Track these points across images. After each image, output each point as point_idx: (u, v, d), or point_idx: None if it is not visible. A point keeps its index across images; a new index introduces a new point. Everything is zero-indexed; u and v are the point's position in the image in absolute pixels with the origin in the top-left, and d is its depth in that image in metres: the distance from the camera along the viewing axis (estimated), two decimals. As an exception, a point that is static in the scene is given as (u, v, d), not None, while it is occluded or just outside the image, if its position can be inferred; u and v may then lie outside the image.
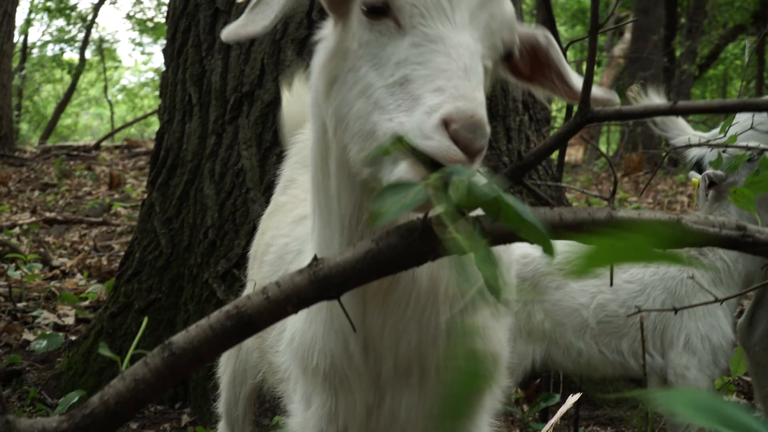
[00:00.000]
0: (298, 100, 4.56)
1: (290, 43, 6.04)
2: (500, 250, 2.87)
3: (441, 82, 2.09)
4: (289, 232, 3.67)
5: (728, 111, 2.92)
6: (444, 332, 2.68)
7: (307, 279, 2.14)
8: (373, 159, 2.20)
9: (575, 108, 2.55)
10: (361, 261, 2.16)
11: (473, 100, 2.04)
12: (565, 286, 5.24)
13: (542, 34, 2.61)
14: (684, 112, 2.32)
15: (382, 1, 2.28)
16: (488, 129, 2.01)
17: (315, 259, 2.16)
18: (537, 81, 2.68)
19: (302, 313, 2.77)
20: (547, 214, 2.28)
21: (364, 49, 2.36)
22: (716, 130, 5.88)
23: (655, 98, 5.64)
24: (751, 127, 5.52)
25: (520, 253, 5.21)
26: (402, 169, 2.06)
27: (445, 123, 2.00)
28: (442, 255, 2.19)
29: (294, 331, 3.00)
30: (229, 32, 2.42)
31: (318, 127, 2.58)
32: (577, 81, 2.55)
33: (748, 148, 4.89)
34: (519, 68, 2.64)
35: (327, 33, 2.62)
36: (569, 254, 4.82)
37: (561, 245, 4.02)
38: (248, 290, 4.30)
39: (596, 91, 2.56)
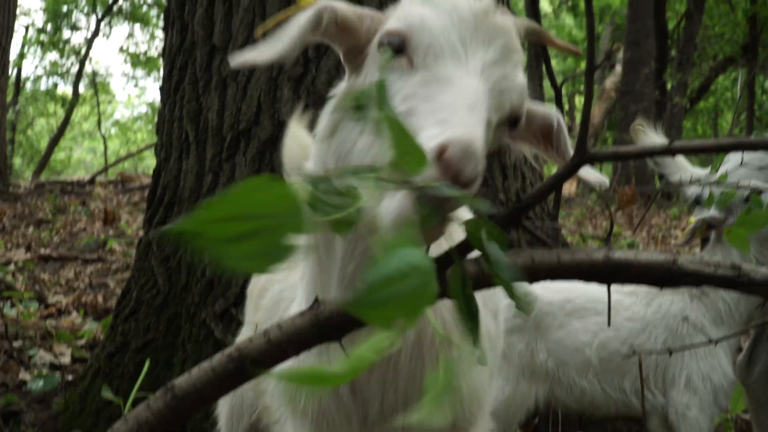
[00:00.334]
0: (298, 141, 4.58)
1: (287, 80, 6.05)
2: (486, 296, 2.89)
3: (444, 115, 2.08)
4: (284, 278, 3.68)
5: (723, 150, 2.92)
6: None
7: (308, 322, 2.14)
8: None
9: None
10: None
11: (473, 131, 2.02)
12: (568, 325, 5.24)
13: (557, 118, 2.67)
14: (679, 152, 2.33)
15: (400, 40, 2.31)
16: (482, 163, 1.97)
17: (316, 301, 2.16)
18: (536, 148, 2.73)
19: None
20: (545, 256, 2.28)
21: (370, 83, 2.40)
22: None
23: (653, 135, 5.65)
24: (741, 164, 5.56)
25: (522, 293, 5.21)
26: (397, 205, 2.00)
27: (441, 151, 1.95)
28: (442, 297, 2.19)
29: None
30: (242, 59, 2.43)
31: (318, 168, 2.58)
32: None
33: (739, 186, 4.92)
34: (521, 137, 2.69)
35: (341, 87, 2.66)
36: (570, 292, 4.80)
37: (561, 285, 3.96)
38: (245, 331, 4.31)
39: (589, 173, 2.59)
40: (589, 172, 2.59)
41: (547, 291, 5.29)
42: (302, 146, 4.23)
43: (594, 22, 2.49)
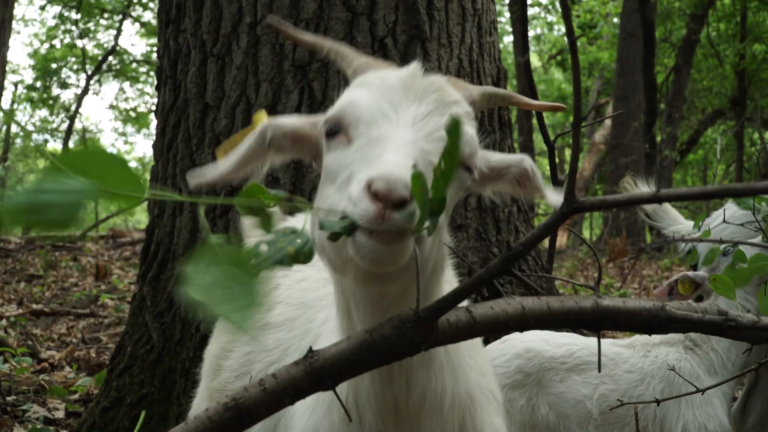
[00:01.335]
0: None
1: (280, 137, 6.11)
2: (466, 354, 2.95)
3: (372, 162, 2.24)
4: (250, 340, 3.77)
5: (709, 197, 2.99)
6: None
7: (303, 371, 2.22)
8: (336, 248, 2.36)
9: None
10: (356, 352, 2.25)
11: (396, 164, 2.17)
12: (569, 378, 5.28)
13: (529, 163, 2.77)
14: (666, 200, 2.40)
15: (336, 122, 2.50)
16: (407, 183, 2.09)
17: (310, 350, 2.23)
18: (515, 192, 2.81)
19: (301, 407, 2.85)
20: (535, 304, 2.34)
21: (324, 171, 2.58)
22: (710, 219, 5.97)
23: (644, 187, 5.73)
24: (724, 221, 5.63)
25: (523, 348, 5.28)
26: (355, 243, 2.18)
27: (369, 185, 2.12)
28: (434, 345, 2.25)
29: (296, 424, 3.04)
30: (196, 179, 2.77)
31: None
32: (552, 195, 2.65)
33: (722, 241, 4.99)
34: (498, 185, 2.77)
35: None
36: (572, 346, 4.85)
37: (562, 339, 4.01)
38: (200, 392, 4.33)
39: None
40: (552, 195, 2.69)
41: (548, 345, 5.33)
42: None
43: (580, 75, 2.57)
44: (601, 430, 5.26)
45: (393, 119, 2.40)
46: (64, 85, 37.95)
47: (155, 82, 7.33)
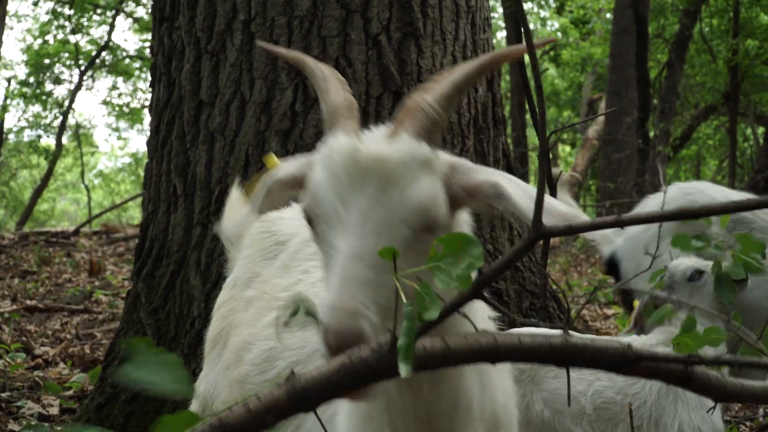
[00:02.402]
0: (236, 209, 4.78)
1: (274, 134, 6.13)
2: (494, 374, 3.02)
3: (329, 286, 2.41)
4: (271, 335, 3.85)
5: (666, 220, 3.04)
6: None
7: (285, 392, 2.30)
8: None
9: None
10: (336, 374, 2.31)
11: (342, 310, 2.32)
12: (563, 374, 5.29)
13: (495, 183, 2.66)
14: (628, 224, 2.46)
15: (307, 217, 2.66)
16: (359, 331, 2.31)
17: (292, 373, 2.31)
18: (490, 210, 2.82)
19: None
20: (508, 338, 2.41)
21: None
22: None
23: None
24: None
25: None
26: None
27: (324, 332, 2.33)
28: (415, 369, 2.29)
29: None
30: (219, 230, 3.35)
31: None
32: (527, 210, 2.62)
33: (670, 299, 5.06)
34: (474, 206, 2.80)
35: None
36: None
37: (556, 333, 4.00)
38: (204, 375, 4.39)
39: (560, 207, 2.65)
40: (561, 207, 2.68)
41: None
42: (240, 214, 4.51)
43: (545, 106, 2.60)
44: (594, 426, 5.28)
45: (344, 220, 2.47)
46: (57, 81, 37.83)
47: (149, 78, 7.35)
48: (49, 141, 40.39)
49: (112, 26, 36.48)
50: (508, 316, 2.73)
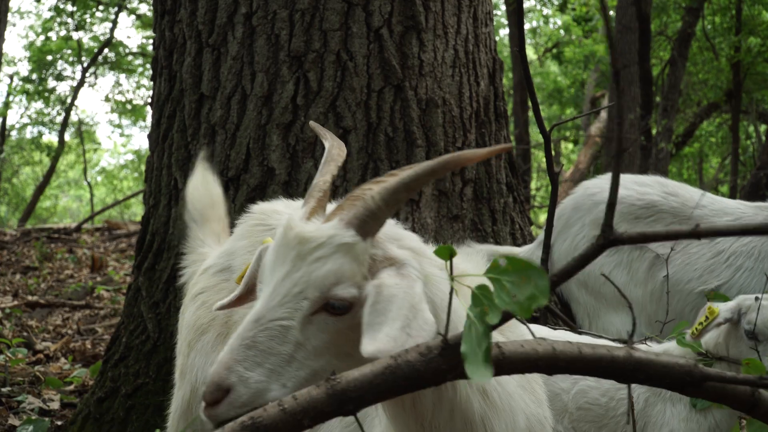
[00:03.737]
0: (204, 185, 4.90)
1: (275, 128, 6.11)
2: (535, 384, 3.04)
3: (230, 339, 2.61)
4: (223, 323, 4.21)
5: (747, 234, 2.97)
6: None
7: (324, 393, 2.21)
8: None
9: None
10: (379, 376, 2.23)
11: (221, 364, 2.52)
12: None
13: (372, 286, 2.66)
14: (706, 236, 2.36)
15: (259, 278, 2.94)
16: (220, 381, 2.49)
17: (333, 373, 2.22)
18: None
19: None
20: (567, 347, 2.31)
21: None
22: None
23: None
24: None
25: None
26: None
27: (204, 397, 2.52)
28: (461, 376, 2.21)
29: None
30: (219, 307, 3.42)
31: None
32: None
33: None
34: None
35: None
36: (550, 338, 4.87)
37: (543, 331, 4.01)
38: (191, 363, 4.38)
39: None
40: None
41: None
42: (209, 192, 4.59)
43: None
44: (575, 426, 5.21)
45: (265, 286, 2.71)
46: (59, 78, 37.70)
47: (151, 74, 7.32)
48: (51, 138, 40.39)
49: (114, 23, 36.38)
50: (569, 325, 2.69)
